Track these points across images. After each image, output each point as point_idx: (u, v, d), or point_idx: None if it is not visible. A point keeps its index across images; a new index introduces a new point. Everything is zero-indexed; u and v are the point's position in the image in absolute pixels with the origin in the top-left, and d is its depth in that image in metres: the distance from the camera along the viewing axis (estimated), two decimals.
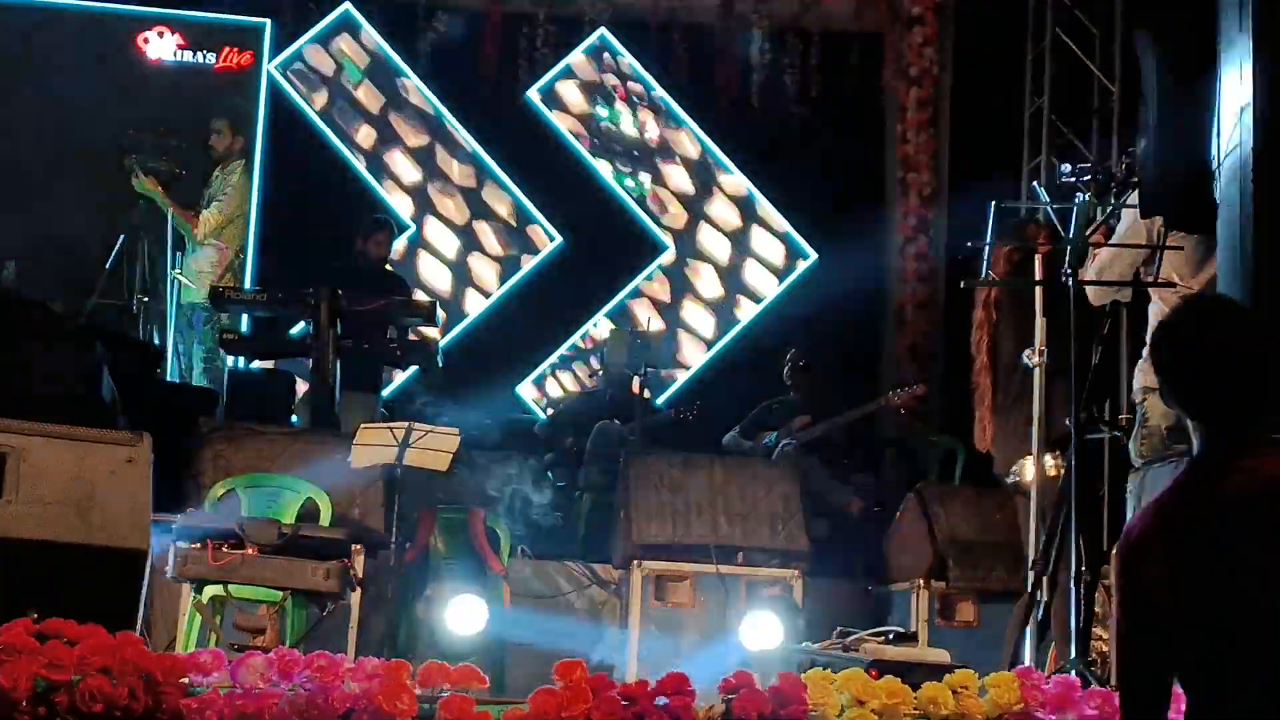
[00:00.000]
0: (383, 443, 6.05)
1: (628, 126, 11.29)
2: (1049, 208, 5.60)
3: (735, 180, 11.28)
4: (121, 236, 9.44)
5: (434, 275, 11.00)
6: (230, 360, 9.41)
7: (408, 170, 11.08)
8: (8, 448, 4.61)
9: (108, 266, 9.37)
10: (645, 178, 11.27)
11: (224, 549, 5.44)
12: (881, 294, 11.04)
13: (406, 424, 6.08)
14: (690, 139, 11.31)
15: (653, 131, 11.30)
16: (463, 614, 6.09)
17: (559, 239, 11.09)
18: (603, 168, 11.24)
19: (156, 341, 9.34)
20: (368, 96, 11.09)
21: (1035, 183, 8.62)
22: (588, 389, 10.19)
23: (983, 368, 6.48)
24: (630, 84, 11.31)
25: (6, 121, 10.40)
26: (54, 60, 10.54)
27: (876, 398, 8.89)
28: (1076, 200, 5.30)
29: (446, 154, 11.12)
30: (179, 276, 9.45)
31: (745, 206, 11.29)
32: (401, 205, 10.99)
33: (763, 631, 6.12)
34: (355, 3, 11.12)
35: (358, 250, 8.82)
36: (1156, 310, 5.26)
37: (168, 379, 9.05)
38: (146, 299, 9.43)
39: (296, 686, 4.04)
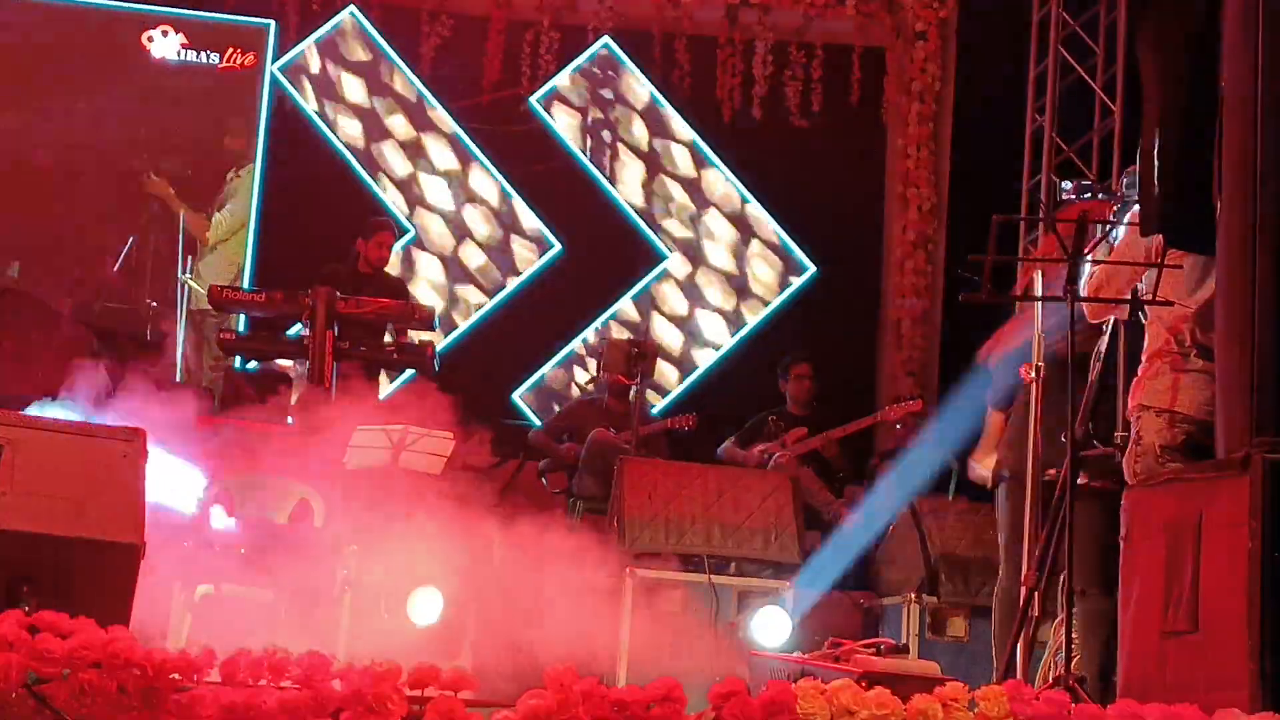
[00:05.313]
0: (378, 445, 6.06)
1: (629, 135, 11.30)
2: (1049, 224, 5.61)
3: (735, 192, 11.29)
4: (131, 238, 9.44)
5: (433, 279, 11.00)
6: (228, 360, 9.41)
7: (408, 173, 11.09)
8: (3, 440, 4.61)
9: (116, 268, 9.37)
10: (645, 186, 11.27)
11: (217, 547, 5.45)
12: (880, 308, 11.06)
13: (403, 427, 6.09)
14: (691, 150, 11.31)
15: (655, 142, 11.31)
16: (419, 606, 6.04)
17: (559, 245, 11.10)
18: (604, 175, 11.24)
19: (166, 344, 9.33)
20: (369, 100, 11.09)
21: (1036, 199, 8.63)
22: (584, 396, 10.18)
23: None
24: (633, 93, 11.32)
25: (15, 121, 10.40)
26: (61, 58, 10.54)
27: (873, 412, 8.92)
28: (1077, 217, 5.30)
29: (447, 158, 11.13)
30: (190, 282, 9.44)
31: (745, 218, 11.30)
32: (401, 208, 10.99)
33: (772, 628, 6.14)
34: (358, 6, 11.13)
35: (357, 252, 8.80)
36: (1154, 329, 5.26)
37: (177, 380, 9.05)
38: (155, 303, 9.42)
39: (287, 685, 4.03)
